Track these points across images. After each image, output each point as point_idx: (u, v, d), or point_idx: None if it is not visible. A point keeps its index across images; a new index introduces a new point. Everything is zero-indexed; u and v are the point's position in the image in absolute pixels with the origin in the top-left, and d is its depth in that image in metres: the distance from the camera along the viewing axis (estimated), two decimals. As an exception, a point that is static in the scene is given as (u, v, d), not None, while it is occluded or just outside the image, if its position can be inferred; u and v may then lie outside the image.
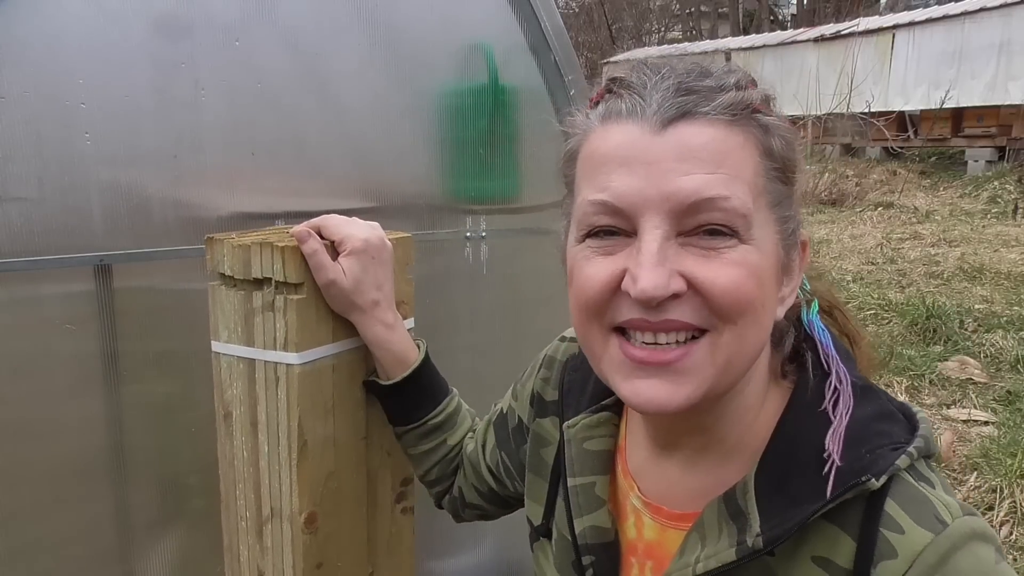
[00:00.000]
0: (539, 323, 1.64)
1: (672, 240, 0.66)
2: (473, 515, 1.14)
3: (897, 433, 0.70)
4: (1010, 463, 3.28)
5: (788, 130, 0.71)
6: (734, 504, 0.71)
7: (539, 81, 1.62)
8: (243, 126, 1.29)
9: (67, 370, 1.20)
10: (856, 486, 0.66)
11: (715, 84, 0.68)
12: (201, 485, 1.29)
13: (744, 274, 0.65)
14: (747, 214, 0.65)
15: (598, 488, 0.85)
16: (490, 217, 1.59)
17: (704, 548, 0.72)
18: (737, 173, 0.66)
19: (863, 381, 0.75)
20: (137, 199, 1.21)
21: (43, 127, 1.13)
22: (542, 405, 0.98)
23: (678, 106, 0.66)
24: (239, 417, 1.03)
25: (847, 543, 0.67)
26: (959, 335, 4.99)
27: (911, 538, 0.64)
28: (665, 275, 0.64)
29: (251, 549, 1.05)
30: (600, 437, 0.87)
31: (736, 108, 0.67)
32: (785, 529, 0.67)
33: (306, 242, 0.97)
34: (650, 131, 0.66)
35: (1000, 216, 9.24)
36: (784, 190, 0.70)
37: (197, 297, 1.23)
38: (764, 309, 0.68)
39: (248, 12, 1.28)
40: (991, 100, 11.63)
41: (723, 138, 0.66)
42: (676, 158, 0.65)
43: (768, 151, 0.69)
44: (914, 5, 17.19)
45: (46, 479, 1.19)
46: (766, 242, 0.68)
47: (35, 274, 1.15)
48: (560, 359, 0.98)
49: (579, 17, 25.58)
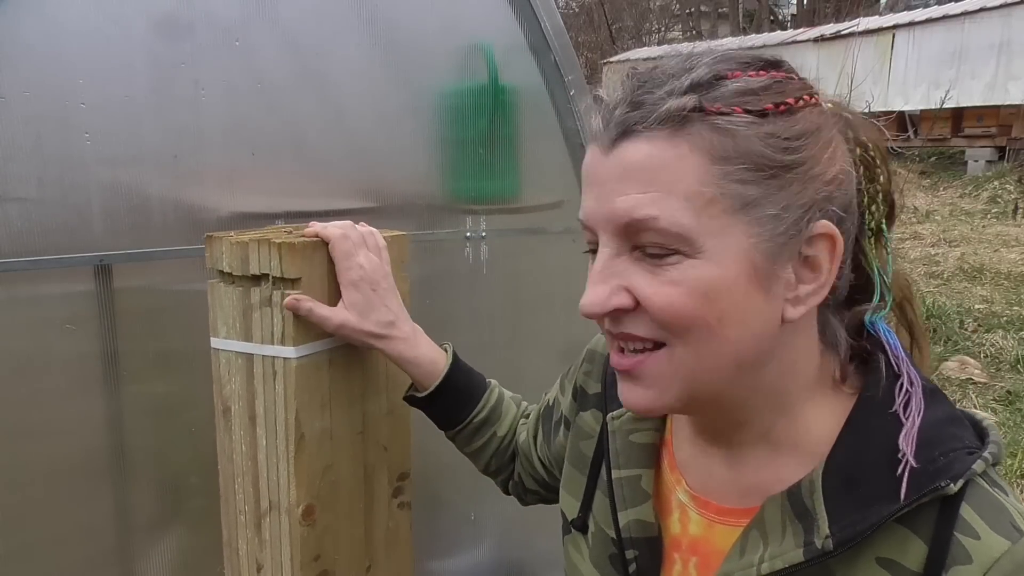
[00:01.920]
0: (539, 323, 1.64)
1: (625, 256, 0.67)
2: (535, 499, 1.15)
3: (968, 438, 0.70)
4: (1010, 463, 3.28)
5: (770, 124, 0.65)
6: (799, 503, 0.70)
7: (539, 81, 1.62)
8: (243, 126, 1.29)
9: (67, 370, 1.20)
10: (935, 490, 0.65)
11: (667, 91, 0.65)
12: (201, 485, 1.29)
13: (682, 292, 0.65)
14: (681, 232, 0.64)
15: (644, 481, 0.84)
16: (490, 217, 1.59)
17: (768, 547, 0.71)
18: (670, 189, 0.64)
19: (931, 384, 0.73)
20: (137, 199, 1.21)
21: (43, 127, 1.14)
22: (584, 398, 0.97)
23: (622, 125, 0.66)
24: (238, 411, 1.04)
25: (918, 546, 0.66)
26: (959, 335, 4.99)
27: (987, 544, 0.63)
28: (604, 292, 0.66)
29: (250, 542, 1.06)
30: (646, 430, 0.87)
31: (676, 117, 0.64)
32: (858, 531, 0.66)
33: (299, 308, 0.99)
34: (601, 152, 0.67)
35: (1000, 216, 9.24)
36: (759, 190, 0.65)
37: (197, 297, 1.23)
38: (723, 322, 0.66)
39: (248, 12, 1.28)
40: (991, 100, 11.63)
41: (658, 153, 0.64)
42: (617, 179, 0.66)
43: (723, 155, 0.64)
44: (914, 5, 17.19)
45: (46, 479, 1.20)
46: (726, 252, 0.65)
47: (35, 274, 1.15)
48: (602, 352, 0.97)
49: (579, 17, 25.57)
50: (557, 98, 1.64)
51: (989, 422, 0.72)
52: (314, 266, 1.01)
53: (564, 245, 1.66)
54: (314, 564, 1.04)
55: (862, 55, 12.88)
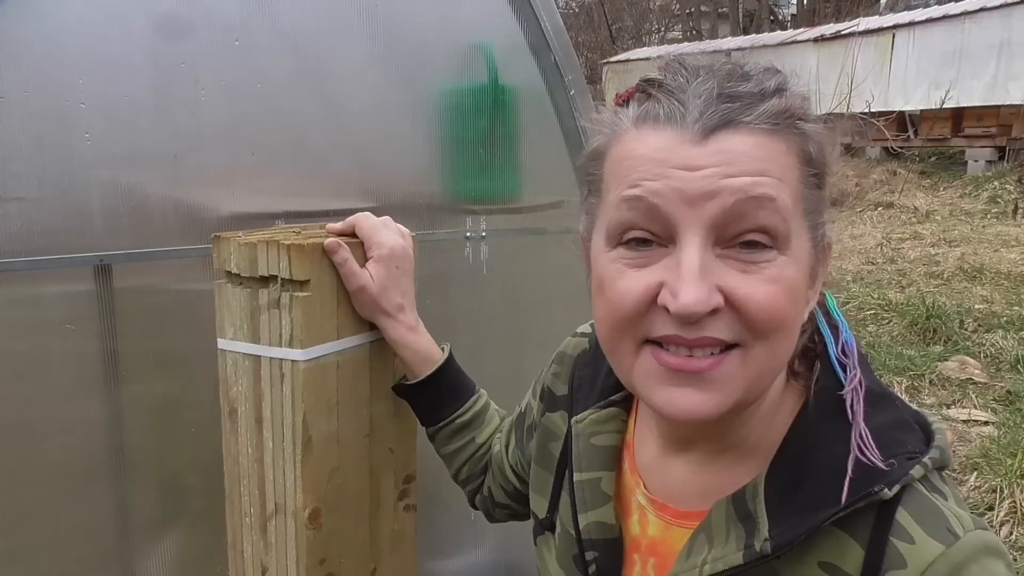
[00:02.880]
0: (539, 323, 1.64)
1: (710, 251, 0.64)
2: (504, 515, 1.15)
3: (912, 442, 0.70)
4: (1010, 463, 3.28)
5: (824, 133, 0.69)
6: (743, 506, 0.71)
7: (539, 81, 1.62)
8: (243, 126, 1.29)
9: (67, 370, 1.20)
10: (869, 495, 0.65)
11: (756, 89, 0.66)
12: (201, 485, 1.29)
13: (781, 290, 0.64)
14: (788, 219, 0.64)
15: (604, 484, 0.85)
16: (490, 217, 1.59)
17: (712, 550, 0.71)
18: (781, 179, 0.65)
19: (879, 388, 0.74)
20: (137, 199, 1.21)
21: (43, 127, 1.14)
22: (552, 400, 0.98)
23: (720, 114, 0.64)
24: (244, 413, 1.04)
25: (856, 551, 0.66)
26: (959, 335, 4.99)
27: (922, 549, 0.64)
28: (707, 290, 0.63)
29: (255, 545, 1.06)
30: (608, 433, 0.87)
31: (779, 117, 0.65)
32: (795, 535, 0.67)
33: (336, 252, 1.01)
34: (690, 139, 0.64)
35: (1000, 216, 9.24)
36: (819, 195, 0.69)
37: (197, 297, 1.23)
38: (796, 322, 0.68)
39: (248, 12, 1.28)
40: (991, 100, 11.62)
41: (766, 145, 0.65)
42: (720, 163, 0.63)
43: (807, 158, 0.67)
44: (914, 5, 17.18)
45: (46, 479, 1.20)
46: (801, 252, 0.67)
47: (35, 274, 1.15)
48: (571, 354, 0.98)
49: (579, 17, 25.57)
50: (557, 98, 1.64)
51: (938, 425, 0.72)
52: (324, 268, 1.01)
53: (564, 245, 1.65)
54: (319, 567, 1.04)
55: (862, 55, 12.88)
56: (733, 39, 18.23)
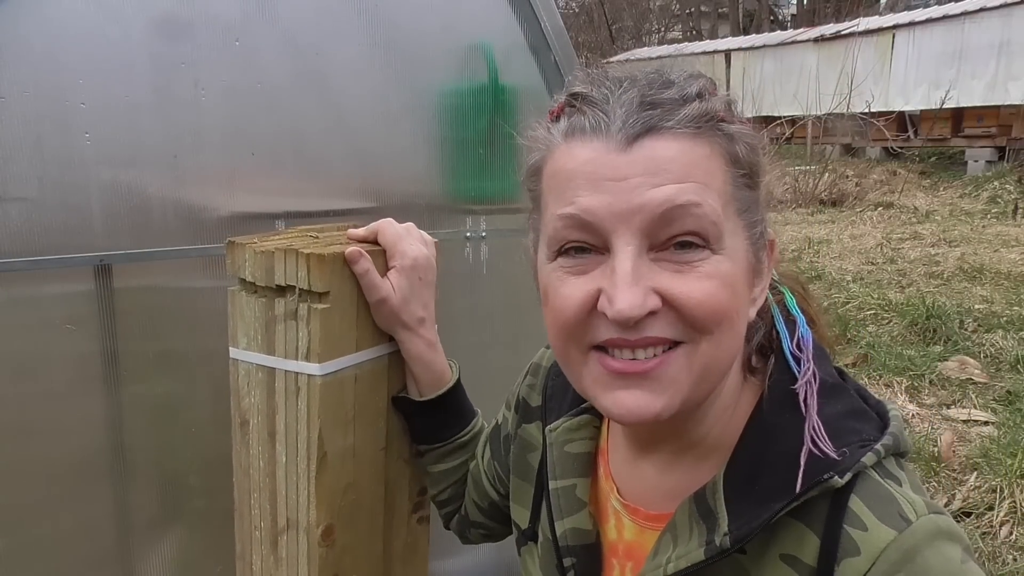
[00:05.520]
0: (538, 323, 1.63)
1: (644, 256, 0.66)
2: (478, 535, 1.14)
3: (867, 430, 0.71)
4: (1010, 463, 3.28)
5: (752, 135, 0.71)
6: (704, 504, 0.72)
7: (539, 81, 1.62)
8: (243, 126, 1.29)
9: (67, 370, 1.20)
10: (820, 484, 0.66)
11: (677, 95, 0.68)
12: (201, 485, 1.29)
13: (717, 285, 0.66)
14: (718, 221, 0.66)
15: (579, 490, 0.86)
16: (490, 217, 1.59)
17: (676, 548, 0.72)
18: (706, 183, 0.66)
19: (833, 379, 0.75)
20: (137, 199, 1.21)
21: (43, 127, 1.14)
22: (528, 411, 0.99)
23: (643, 121, 0.66)
24: (256, 426, 1.00)
25: (812, 541, 0.67)
26: (959, 335, 4.99)
27: (874, 535, 0.64)
28: (641, 294, 0.65)
29: (264, 560, 1.03)
30: (581, 440, 0.88)
31: (700, 120, 0.67)
32: (752, 528, 0.68)
33: (358, 262, 0.96)
34: (616, 148, 0.66)
35: (1000, 216, 9.24)
36: (751, 195, 0.71)
37: (197, 297, 1.23)
38: (739, 316, 0.69)
39: (248, 12, 1.28)
40: (991, 100, 11.63)
41: (689, 150, 0.66)
42: (645, 172, 0.65)
43: (734, 159, 0.69)
44: (914, 5, 17.19)
45: (46, 479, 1.20)
46: (737, 249, 0.69)
47: (35, 274, 1.15)
48: (545, 365, 0.99)
49: (579, 17, 25.58)
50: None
51: (894, 412, 0.73)
52: (344, 279, 0.96)
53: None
54: None
55: (862, 55, 12.88)
56: (733, 39, 18.24)
